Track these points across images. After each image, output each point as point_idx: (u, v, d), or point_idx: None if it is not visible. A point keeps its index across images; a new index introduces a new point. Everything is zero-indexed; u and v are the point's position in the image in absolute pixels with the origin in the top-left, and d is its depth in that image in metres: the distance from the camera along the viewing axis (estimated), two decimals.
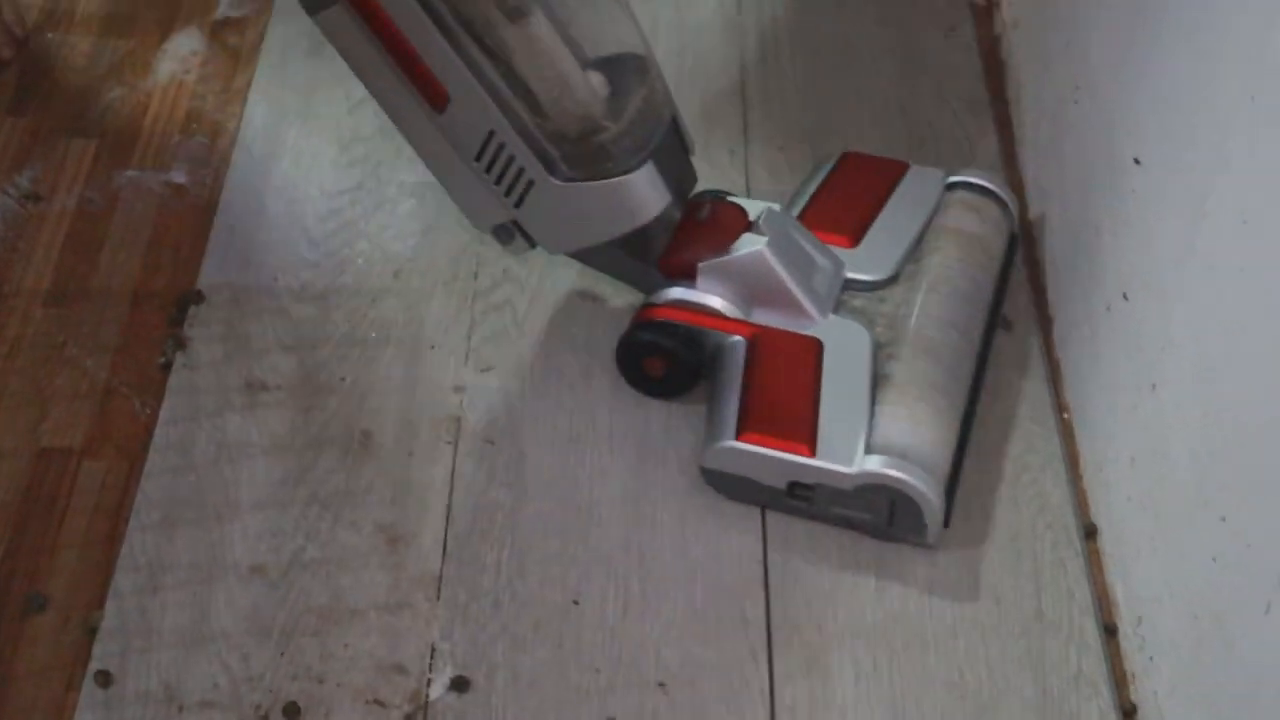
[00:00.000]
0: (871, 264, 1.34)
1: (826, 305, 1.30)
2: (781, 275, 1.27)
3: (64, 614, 1.21)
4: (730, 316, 1.29)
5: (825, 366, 1.25)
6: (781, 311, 1.28)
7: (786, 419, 1.23)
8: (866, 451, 1.20)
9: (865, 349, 1.26)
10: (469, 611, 1.21)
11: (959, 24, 1.70)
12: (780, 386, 1.25)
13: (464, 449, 1.32)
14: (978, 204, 1.40)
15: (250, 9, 1.72)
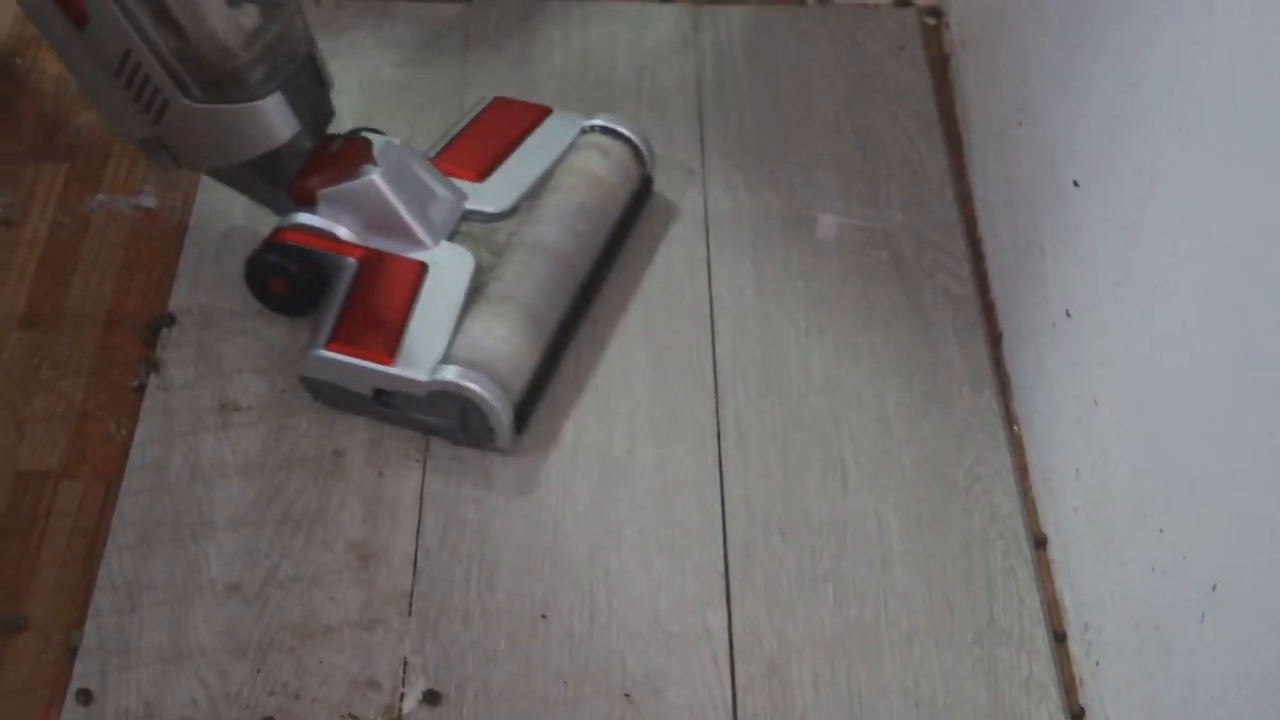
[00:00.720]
0: (493, 198, 1.45)
1: (440, 233, 1.41)
2: (393, 203, 1.38)
3: (44, 634, 1.24)
4: (346, 240, 1.39)
5: (425, 287, 1.37)
6: (395, 237, 1.39)
7: (373, 331, 1.34)
8: (443, 362, 1.31)
9: (467, 272, 1.38)
10: (440, 626, 1.25)
11: (909, 43, 1.75)
12: (376, 303, 1.36)
13: (432, 466, 1.35)
14: (608, 147, 1.50)
15: None
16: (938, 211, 1.57)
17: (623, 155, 1.51)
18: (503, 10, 1.78)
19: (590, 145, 1.50)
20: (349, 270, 1.38)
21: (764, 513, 1.33)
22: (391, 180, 1.38)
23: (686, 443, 1.38)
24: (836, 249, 1.54)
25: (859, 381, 1.42)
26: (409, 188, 1.40)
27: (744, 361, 1.44)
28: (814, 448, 1.38)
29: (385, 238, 1.39)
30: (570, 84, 1.69)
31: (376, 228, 1.39)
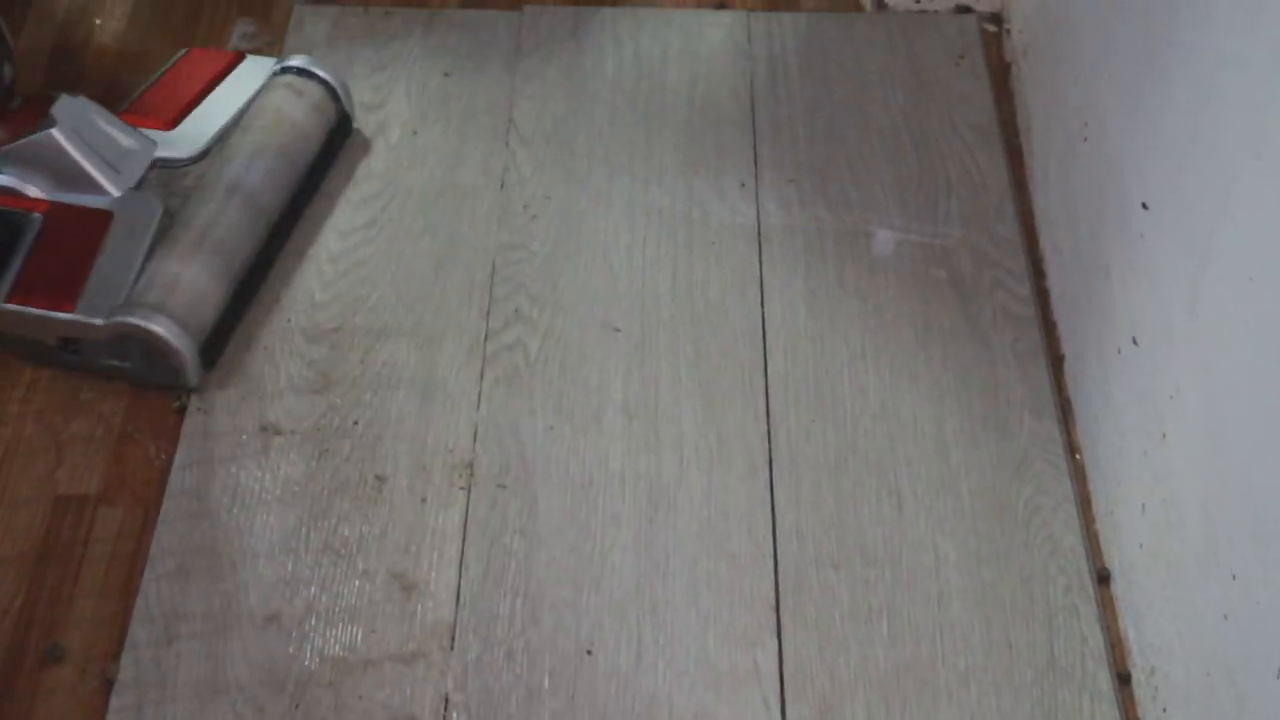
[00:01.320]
0: (182, 144, 1.49)
1: (126, 182, 1.44)
2: (73, 155, 1.41)
3: (81, 665, 1.22)
4: (29, 195, 1.42)
5: (111, 234, 1.40)
6: (80, 188, 1.42)
7: (55, 281, 1.36)
8: (124, 305, 1.34)
9: (153, 218, 1.41)
10: (482, 662, 1.22)
11: (968, 51, 1.70)
12: (59, 254, 1.38)
13: (477, 494, 1.32)
14: (300, 86, 1.53)
15: (263, 42, 1.72)
16: (998, 227, 1.52)
17: (316, 94, 1.53)
18: (554, 17, 1.75)
19: (282, 85, 1.53)
20: (34, 224, 1.40)
21: (816, 543, 1.29)
22: (70, 133, 1.41)
23: (737, 469, 1.34)
24: (893, 266, 1.49)
25: (916, 405, 1.38)
26: (90, 140, 1.43)
27: (797, 384, 1.40)
28: (869, 475, 1.33)
29: (70, 190, 1.43)
30: (622, 93, 1.65)
31: (60, 181, 1.42)
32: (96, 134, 1.45)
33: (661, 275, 1.49)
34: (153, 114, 1.52)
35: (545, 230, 1.53)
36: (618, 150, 1.60)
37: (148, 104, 1.54)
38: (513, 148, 1.61)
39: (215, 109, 1.54)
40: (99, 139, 1.44)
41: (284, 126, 1.50)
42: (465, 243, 1.52)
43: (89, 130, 1.44)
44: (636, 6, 1.77)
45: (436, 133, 1.62)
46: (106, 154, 1.44)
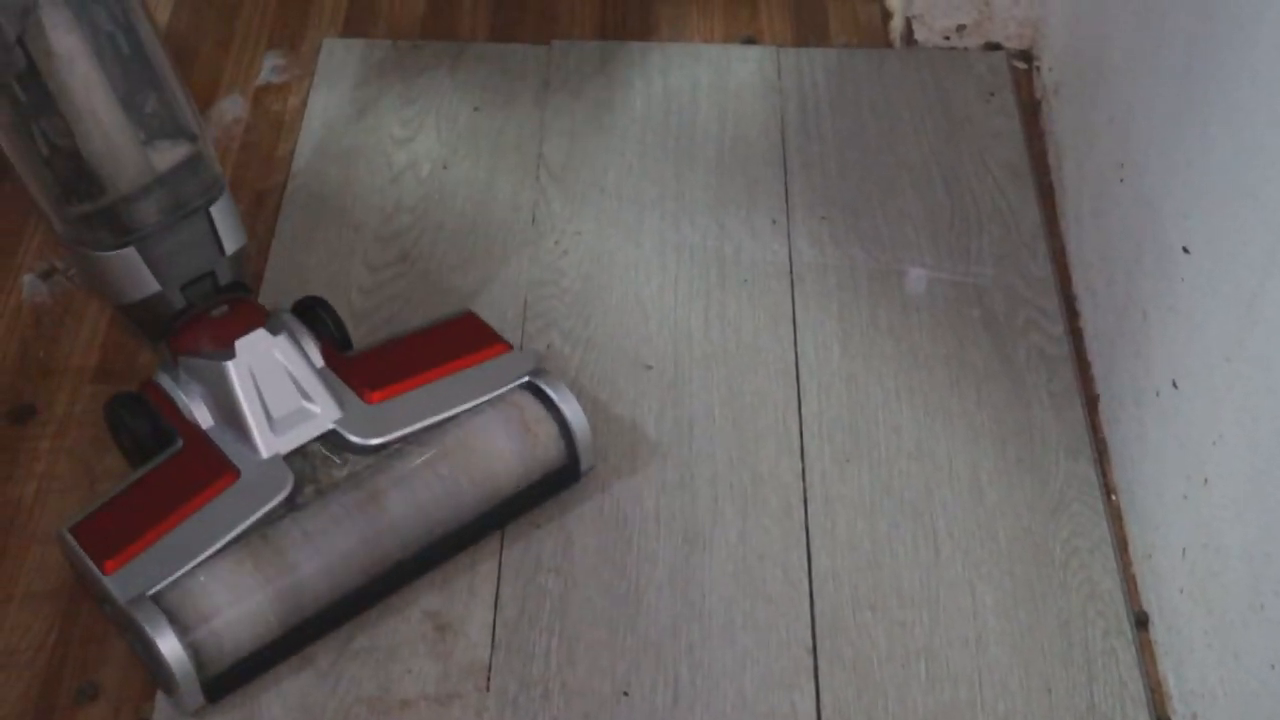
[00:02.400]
0: (368, 427, 1.27)
1: (281, 445, 1.24)
2: (238, 396, 1.24)
3: (115, 705, 1.22)
4: (186, 416, 1.27)
5: (221, 500, 1.21)
6: (232, 430, 1.26)
7: (118, 529, 1.20)
8: (150, 596, 1.15)
9: (271, 499, 1.21)
10: (519, 702, 1.21)
11: (999, 89, 1.70)
12: (153, 496, 1.22)
13: (511, 533, 1.32)
14: (528, 416, 1.29)
15: (292, 75, 1.73)
16: (1030, 266, 1.52)
17: (542, 429, 1.29)
18: (582, 52, 1.75)
19: (508, 404, 1.30)
20: (173, 449, 1.26)
21: (853, 585, 1.28)
22: (244, 372, 1.24)
23: (771, 510, 1.33)
24: (926, 305, 1.49)
25: (951, 446, 1.38)
26: (265, 385, 1.25)
27: (831, 424, 1.39)
28: (904, 516, 1.33)
29: (224, 426, 1.26)
30: (651, 130, 1.66)
31: (219, 413, 1.26)
32: (276, 380, 1.26)
33: (694, 312, 1.48)
34: (370, 374, 1.30)
35: (576, 266, 1.53)
36: (648, 186, 1.60)
37: (376, 360, 1.33)
38: (543, 183, 1.61)
39: (432, 399, 1.29)
40: (276, 387, 1.25)
41: (474, 458, 1.26)
42: (497, 278, 1.52)
43: (269, 374, 1.25)
44: (664, 42, 1.77)
45: (467, 167, 1.63)
46: (276, 407, 1.25)
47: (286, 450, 1.25)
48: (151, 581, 1.17)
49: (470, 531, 1.28)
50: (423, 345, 1.35)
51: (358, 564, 1.22)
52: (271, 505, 1.21)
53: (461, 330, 1.37)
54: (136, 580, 1.17)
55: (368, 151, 1.64)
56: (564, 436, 1.30)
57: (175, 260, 1.25)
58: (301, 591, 1.19)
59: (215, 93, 1.71)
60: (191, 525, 1.20)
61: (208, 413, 1.27)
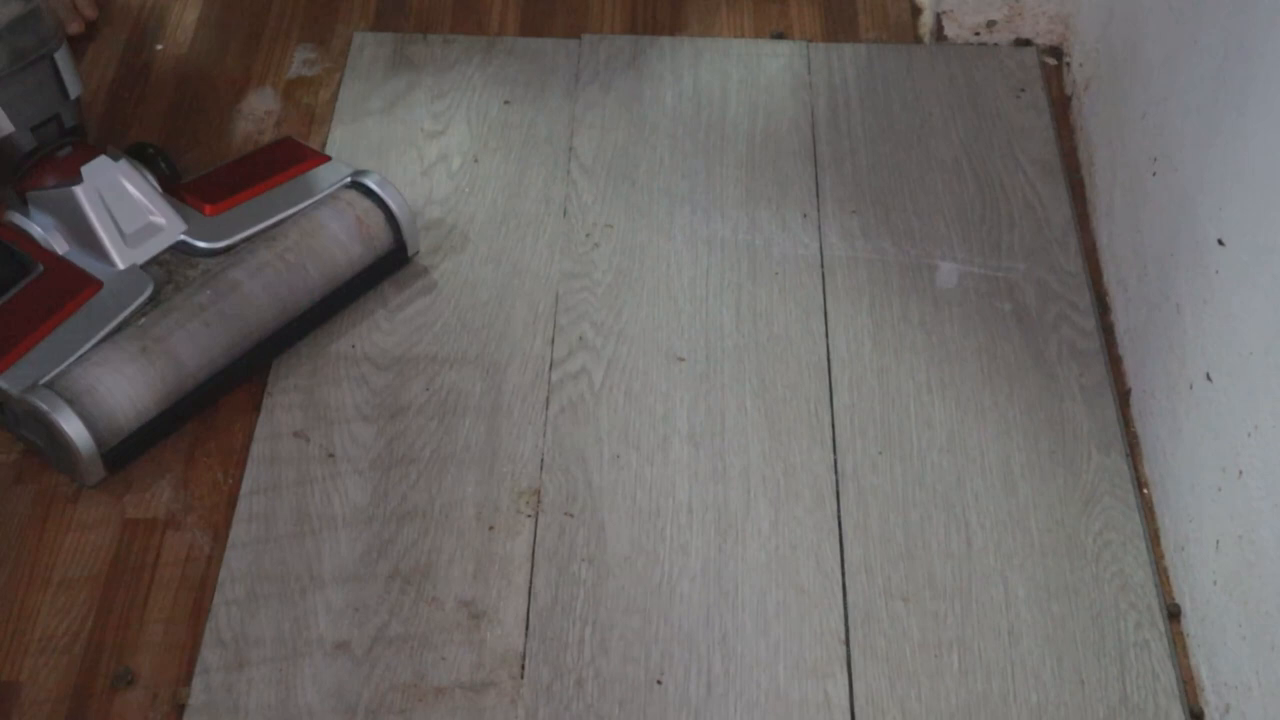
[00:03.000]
0: (211, 233, 1.44)
1: (136, 256, 1.41)
2: (90, 217, 1.40)
3: (152, 690, 1.22)
4: (41, 244, 1.42)
5: (87, 305, 1.37)
6: (88, 250, 1.41)
7: (3, 338, 1.34)
8: (45, 384, 1.30)
9: (135, 301, 1.37)
10: (553, 690, 1.22)
11: (1029, 84, 1.70)
12: (26, 309, 1.37)
13: (544, 522, 1.32)
14: (356, 207, 1.46)
15: (323, 68, 1.74)
16: (1061, 261, 1.52)
17: (369, 218, 1.45)
18: (612, 46, 1.75)
19: (337, 201, 1.46)
20: (33, 273, 1.40)
21: (885, 576, 1.29)
22: (92, 194, 1.40)
23: (804, 501, 1.34)
24: (957, 299, 1.49)
25: (983, 439, 1.38)
26: (113, 205, 1.41)
27: (863, 417, 1.40)
28: (936, 508, 1.33)
29: (79, 249, 1.41)
30: (682, 124, 1.66)
31: (74, 238, 1.41)
32: (123, 200, 1.41)
33: (725, 305, 1.49)
34: (206, 194, 1.47)
35: (608, 259, 1.53)
36: (679, 180, 1.61)
37: (209, 181, 1.49)
38: (574, 176, 1.61)
39: (264, 207, 1.46)
40: (123, 206, 1.41)
41: (315, 244, 1.43)
42: (528, 270, 1.52)
43: (115, 195, 1.41)
44: (695, 36, 1.77)
45: (498, 160, 1.63)
46: (125, 223, 1.41)
47: (142, 261, 1.41)
48: (41, 374, 1.31)
49: (318, 311, 1.44)
50: (249, 166, 1.51)
51: (222, 342, 1.37)
52: (137, 304, 1.37)
53: (282, 150, 1.54)
54: (26, 375, 1.32)
55: (399, 144, 1.64)
56: (390, 224, 1.46)
57: (26, 102, 1.40)
58: (177, 367, 1.35)
59: (246, 85, 1.72)
60: (66, 329, 1.35)
61: (62, 239, 1.42)
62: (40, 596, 1.28)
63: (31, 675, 1.23)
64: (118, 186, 1.41)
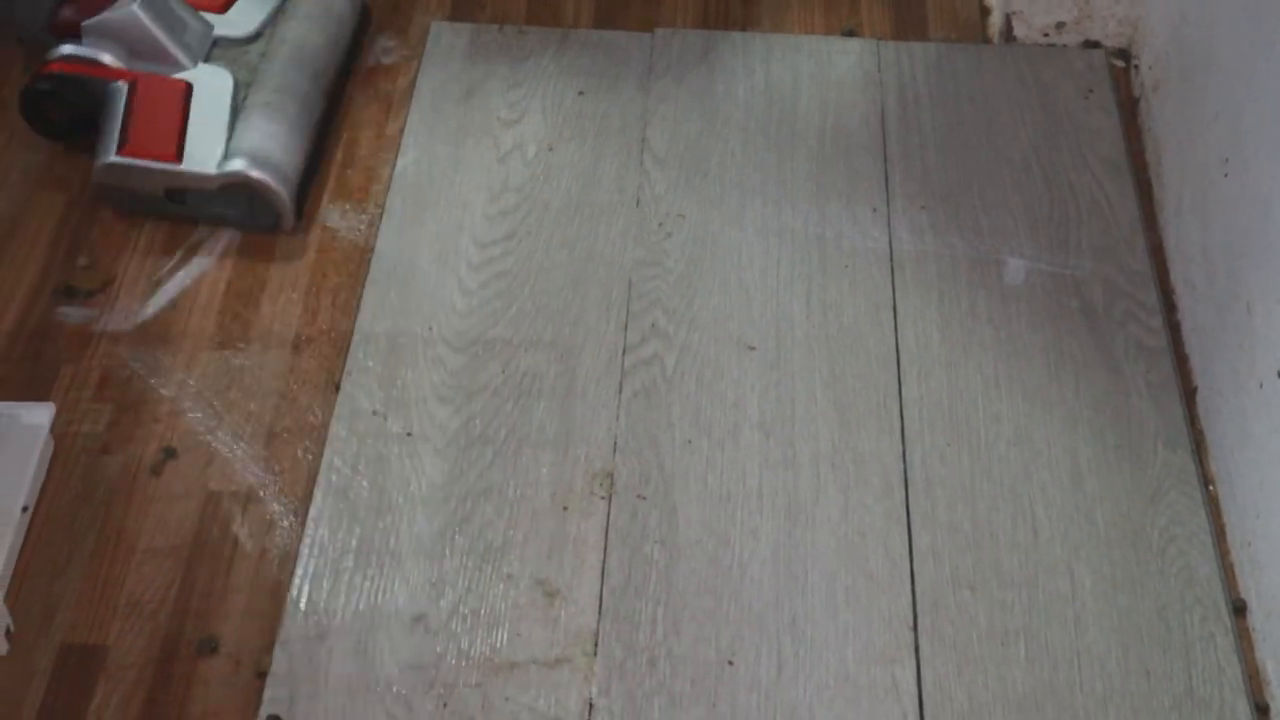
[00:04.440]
0: (237, 25, 1.65)
1: (197, 57, 1.60)
2: (154, 30, 1.57)
3: (234, 657, 1.25)
4: (113, 67, 1.57)
5: (194, 100, 1.56)
6: (158, 62, 1.58)
7: (158, 138, 1.52)
8: (226, 157, 1.51)
9: (228, 86, 1.58)
10: (626, 668, 1.24)
11: (1097, 85, 1.72)
12: (154, 115, 1.54)
13: (617, 504, 1.35)
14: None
15: (400, 56, 1.76)
16: (1128, 260, 1.54)
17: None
18: (685, 40, 1.78)
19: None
20: (121, 92, 1.55)
21: (953, 564, 1.31)
22: (149, 10, 1.57)
23: (873, 489, 1.36)
24: (1025, 295, 1.51)
25: (1049, 433, 1.40)
26: (165, 17, 1.58)
27: (931, 408, 1.42)
28: (1003, 499, 1.35)
29: (148, 63, 1.58)
30: (754, 117, 1.68)
31: (139, 54, 1.58)
32: (169, 13, 1.59)
33: (795, 296, 1.51)
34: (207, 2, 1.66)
35: (680, 249, 1.56)
36: (750, 173, 1.63)
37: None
38: (647, 167, 1.64)
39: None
40: (171, 18, 1.59)
41: (323, 17, 1.67)
42: (602, 258, 1.55)
43: (163, 9, 1.58)
44: (766, 32, 1.79)
45: (572, 149, 1.66)
46: (178, 32, 1.58)
47: (200, 60, 1.60)
48: (215, 155, 1.53)
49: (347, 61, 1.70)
50: None
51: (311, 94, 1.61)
52: (231, 87, 1.58)
53: None
54: (205, 158, 1.52)
55: (475, 132, 1.67)
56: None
57: None
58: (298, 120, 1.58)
59: None
60: (196, 120, 1.55)
61: (125, 59, 1.58)
62: (126, 564, 1.31)
63: (118, 639, 1.26)
64: (162, 3, 1.59)
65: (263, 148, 1.53)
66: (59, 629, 1.26)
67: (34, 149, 1.64)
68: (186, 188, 1.52)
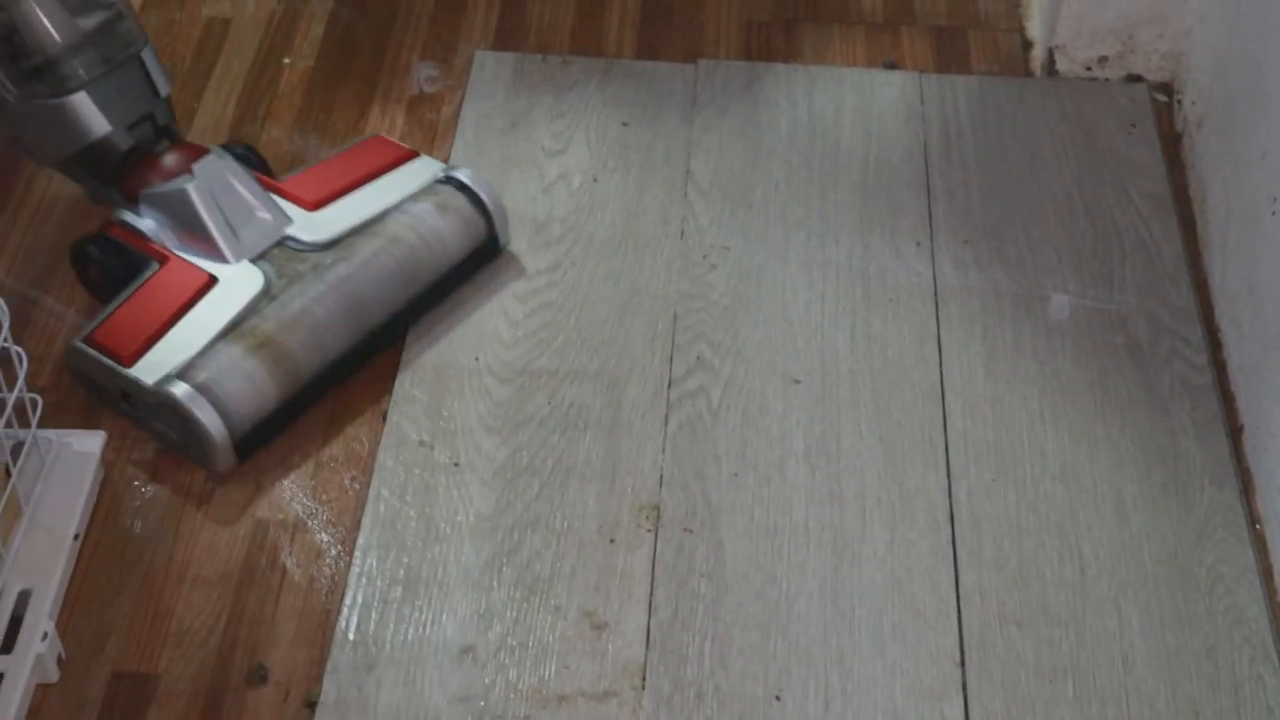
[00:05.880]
0: (316, 229, 1.48)
1: (246, 251, 1.46)
2: (201, 214, 1.45)
3: (284, 687, 1.26)
4: (155, 242, 1.46)
5: (204, 300, 1.42)
6: (200, 246, 1.46)
7: (127, 332, 1.40)
8: (176, 376, 1.35)
9: (249, 294, 1.42)
10: (674, 702, 1.25)
11: (1140, 120, 1.72)
12: (149, 306, 1.42)
13: (664, 537, 1.35)
14: (452, 201, 1.52)
15: (445, 85, 1.77)
16: (1173, 297, 1.54)
17: (466, 211, 1.52)
18: (728, 72, 1.78)
19: (434, 195, 1.52)
20: (148, 269, 1.44)
21: (1000, 601, 1.31)
22: (203, 192, 1.45)
23: (919, 525, 1.36)
24: (1069, 331, 1.51)
25: (1095, 470, 1.40)
26: (223, 202, 1.46)
27: (976, 444, 1.42)
28: (1050, 536, 1.35)
29: (191, 245, 1.46)
30: (797, 150, 1.69)
31: (184, 235, 1.46)
32: (231, 198, 1.47)
33: (840, 330, 1.51)
34: (305, 191, 1.52)
35: (724, 281, 1.56)
36: (794, 205, 1.64)
37: (307, 179, 1.54)
38: (691, 199, 1.65)
39: (363, 202, 1.52)
40: (232, 203, 1.47)
41: (417, 237, 1.48)
42: (647, 290, 1.55)
43: (224, 193, 1.47)
44: (809, 64, 1.80)
45: (616, 180, 1.66)
46: (235, 220, 1.46)
47: (251, 256, 1.46)
48: (169, 367, 1.36)
49: (425, 300, 1.49)
50: (344, 162, 1.56)
51: (338, 333, 1.43)
52: (253, 297, 1.42)
53: (374, 146, 1.59)
54: (156, 368, 1.37)
55: (520, 161, 1.68)
56: (484, 216, 1.52)
57: (120, 101, 1.45)
58: (297, 357, 1.40)
59: (370, 101, 1.76)
60: (188, 323, 1.40)
61: (173, 237, 1.47)
62: (176, 592, 1.32)
63: (168, 668, 1.27)
64: (227, 183, 1.47)
65: (220, 378, 1.35)
66: (109, 657, 1.27)
67: None
68: (129, 393, 1.39)
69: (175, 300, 1.42)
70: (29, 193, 1.65)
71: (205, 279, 1.44)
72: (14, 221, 1.61)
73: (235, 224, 1.46)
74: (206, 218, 1.45)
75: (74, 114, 1.44)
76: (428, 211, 1.50)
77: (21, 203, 1.64)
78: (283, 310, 1.41)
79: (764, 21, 1.86)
